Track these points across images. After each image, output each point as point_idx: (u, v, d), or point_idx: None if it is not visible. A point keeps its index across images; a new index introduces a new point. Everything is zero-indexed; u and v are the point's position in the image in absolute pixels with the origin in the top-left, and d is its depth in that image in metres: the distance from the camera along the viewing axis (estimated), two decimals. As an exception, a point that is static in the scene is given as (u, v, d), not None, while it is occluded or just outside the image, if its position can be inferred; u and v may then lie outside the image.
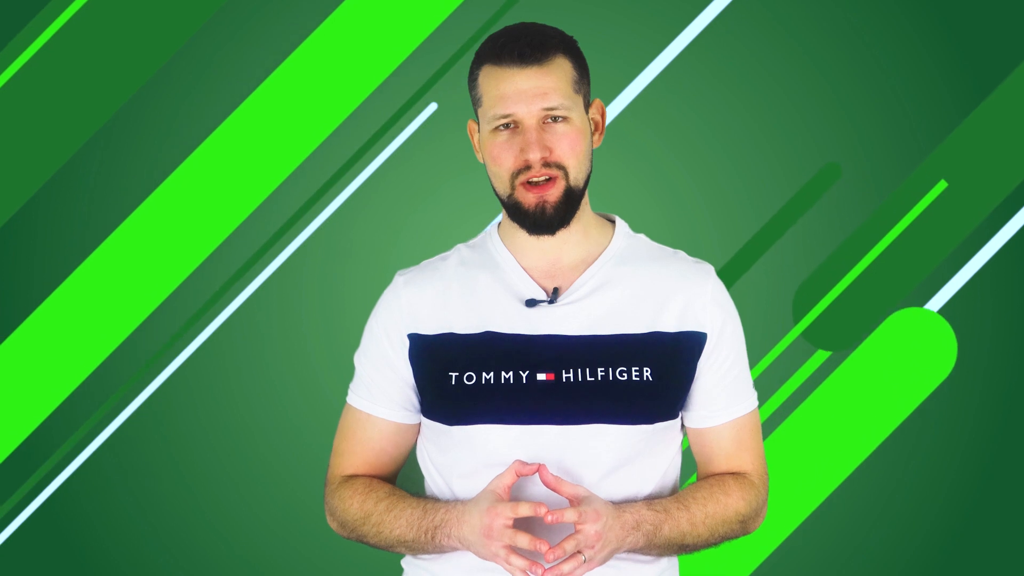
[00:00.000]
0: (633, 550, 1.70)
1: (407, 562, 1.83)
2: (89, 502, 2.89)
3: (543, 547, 1.62)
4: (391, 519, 1.75)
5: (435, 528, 1.70)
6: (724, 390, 1.80)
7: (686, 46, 2.85)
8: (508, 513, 1.63)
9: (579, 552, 1.63)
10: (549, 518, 1.62)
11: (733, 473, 1.83)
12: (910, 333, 2.84)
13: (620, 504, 1.70)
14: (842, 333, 2.85)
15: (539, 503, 1.64)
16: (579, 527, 1.63)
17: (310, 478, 2.82)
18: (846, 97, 2.84)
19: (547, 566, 1.64)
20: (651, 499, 1.74)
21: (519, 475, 1.66)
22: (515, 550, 1.63)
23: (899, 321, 2.84)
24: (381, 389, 1.80)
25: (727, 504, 1.78)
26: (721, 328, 1.78)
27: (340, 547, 2.75)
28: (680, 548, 1.74)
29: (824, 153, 2.84)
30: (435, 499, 1.77)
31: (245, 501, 2.89)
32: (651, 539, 1.69)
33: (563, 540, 1.63)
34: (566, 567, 1.62)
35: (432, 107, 2.88)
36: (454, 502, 1.72)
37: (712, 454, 1.82)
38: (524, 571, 1.63)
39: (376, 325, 1.81)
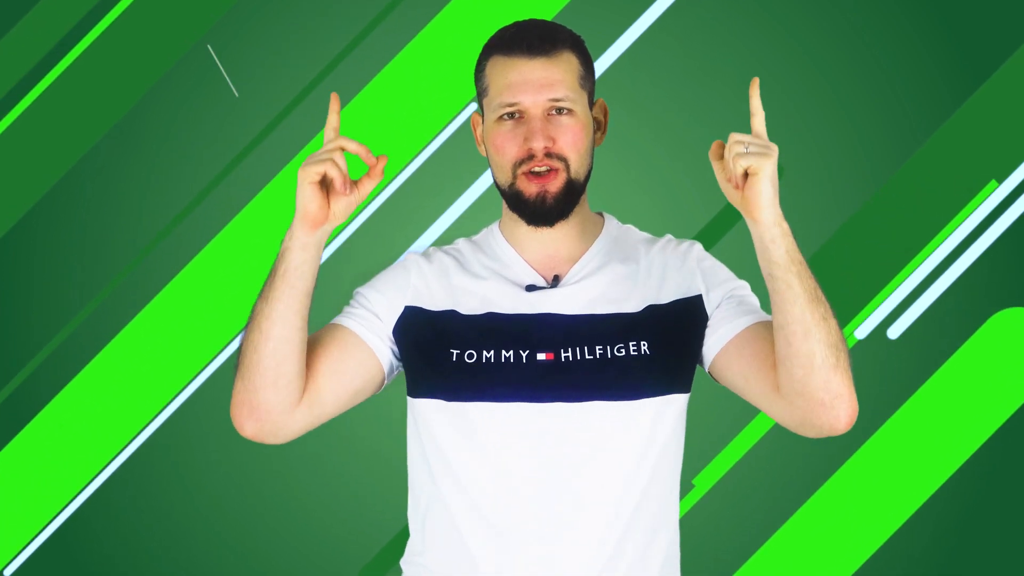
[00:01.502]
0: (778, 240, 1.59)
1: (406, 562, 1.84)
2: (102, 527, 2.92)
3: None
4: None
5: (281, 250, 1.69)
6: (744, 304, 1.75)
7: (654, 21, 2.86)
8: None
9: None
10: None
11: None
12: (1012, 334, 2.81)
13: None
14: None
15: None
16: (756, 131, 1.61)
17: (323, 500, 2.85)
18: (827, 69, 2.83)
19: None
20: (653, 479, 1.72)
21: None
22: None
23: (1000, 322, 2.81)
24: (354, 312, 1.80)
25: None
26: (710, 279, 1.77)
27: (350, 563, 2.81)
28: (816, 288, 1.61)
29: (800, 132, 2.81)
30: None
31: (258, 526, 2.91)
32: (791, 239, 1.60)
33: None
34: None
35: (473, 107, 2.89)
36: None
37: (763, 346, 1.71)
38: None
39: (380, 283, 1.82)
